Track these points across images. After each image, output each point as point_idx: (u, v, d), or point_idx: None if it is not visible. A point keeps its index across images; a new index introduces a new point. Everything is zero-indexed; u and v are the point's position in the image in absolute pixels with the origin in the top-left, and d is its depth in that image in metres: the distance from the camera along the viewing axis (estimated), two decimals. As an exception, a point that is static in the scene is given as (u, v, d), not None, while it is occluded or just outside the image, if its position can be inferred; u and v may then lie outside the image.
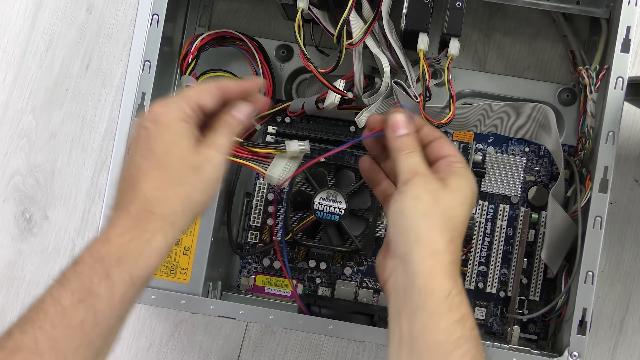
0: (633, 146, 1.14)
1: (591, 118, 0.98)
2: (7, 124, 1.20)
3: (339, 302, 1.06)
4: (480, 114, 0.99)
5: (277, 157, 0.93)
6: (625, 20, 0.93)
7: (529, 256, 1.04)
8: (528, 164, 1.07)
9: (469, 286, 1.05)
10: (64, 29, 1.21)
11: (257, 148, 0.93)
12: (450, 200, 0.73)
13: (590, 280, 0.91)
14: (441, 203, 0.73)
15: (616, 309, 1.12)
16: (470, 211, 0.76)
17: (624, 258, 1.13)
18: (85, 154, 1.19)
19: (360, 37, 0.93)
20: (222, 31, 1.01)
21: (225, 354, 1.16)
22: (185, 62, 0.97)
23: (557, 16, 1.09)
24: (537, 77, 1.11)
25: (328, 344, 1.16)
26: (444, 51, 0.93)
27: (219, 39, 1.02)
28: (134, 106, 0.95)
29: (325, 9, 0.96)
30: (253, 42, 1.02)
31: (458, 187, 0.75)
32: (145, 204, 0.68)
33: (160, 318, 1.17)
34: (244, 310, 0.94)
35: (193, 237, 0.97)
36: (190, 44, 0.98)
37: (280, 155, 0.93)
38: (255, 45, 1.03)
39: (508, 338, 1.02)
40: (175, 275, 0.96)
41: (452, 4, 0.89)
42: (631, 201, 1.13)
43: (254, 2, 1.15)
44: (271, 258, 1.08)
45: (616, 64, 0.93)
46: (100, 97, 1.20)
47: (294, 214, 1.03)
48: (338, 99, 0.95)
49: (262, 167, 0.92)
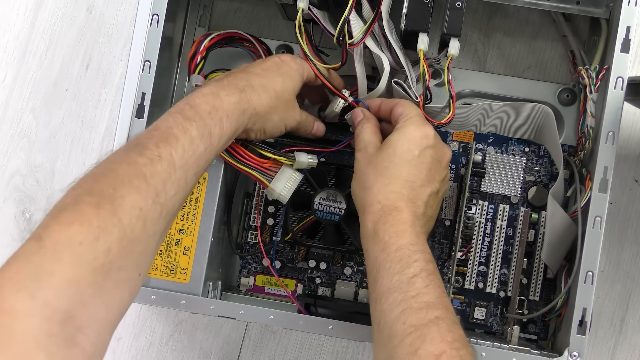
0: (633, 146, 1.14)
1: (591, 118, 0.98)
2: (7, 124, 1.20)
3: (339, 302, 1.06)
4: (479, 114, 0.99)
5: (282, 168, 0.94)
6: (625, 20, 0.93)
7: (529, 256, 1.04)
8: (528, 164, 1.07)
9: (469, 286, 1.05)
10: (64, 29, 1.21)
11: (267, 152, 0.93)
12: (381, 156, 0.88)
13: (590, 280, 0.91)
14: (372, 162, 0.88)
15: (616, 309, 1.12)
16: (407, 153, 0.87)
17: (624, 258, 1.13)
18: (85, 154, 1.20)
19: (360, 37, 0.93)
20: (231, 32, 1.01)
21: (225, 354, 1.16)
22: (194, 61, 0.97)
23: (557, 16, 1.09)
24: (537, 77, 1.11)
25: (328, 344, 1.16)
26: (444, 51, 0.93)
27: (228, 39, 1.02)
28: (133, 106, 0.95)
29: (325, 9, 0.96)
30: (261, 44, 1.03)
31: (389, 141, 0.89)
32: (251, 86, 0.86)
33: (160, 318, 1.17)
34: (244, 310, 0.94)
35: (193, 237, 0.97)
36: (199, 44, 0.98)
37: (286, 166, 0.94)
38: (263, 47, 1.03)
39: (508, 338, 1.02)
40: (175, 275, 0.96)
41: (452, 4, 0.89)
42: (631, 201, 1.13)
43: (254, 2, 1.15)
44: (271, 258, 1.08)
45: (616, 64, 0.93)
46: (100, 97, 1.20)
47: (294, 214, 1.03)
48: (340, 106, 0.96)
49: (266, 178, 0.93)
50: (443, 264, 1.07)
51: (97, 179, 0.70)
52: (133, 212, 0.69)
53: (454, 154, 1.07)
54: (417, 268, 0.79)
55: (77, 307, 0.63)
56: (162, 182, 0.73)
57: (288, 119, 0.92)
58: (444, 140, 1.07)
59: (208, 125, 0.79)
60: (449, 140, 1.07)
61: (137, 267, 0.71)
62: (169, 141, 0.75)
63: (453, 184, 1.06)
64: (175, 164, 0.75)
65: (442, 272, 1.06)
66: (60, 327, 0.62)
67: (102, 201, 0.67)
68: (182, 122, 0.78)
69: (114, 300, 0.68)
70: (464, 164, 1.07)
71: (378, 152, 0.89)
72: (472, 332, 1.06)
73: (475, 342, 0.93)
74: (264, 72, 0.89)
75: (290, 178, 0.94)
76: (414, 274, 0.79)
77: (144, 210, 0.70)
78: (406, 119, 0.89)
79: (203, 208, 0.97)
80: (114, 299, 0.67)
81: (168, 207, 0.74)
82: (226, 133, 0.82)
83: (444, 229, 1.07)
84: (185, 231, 0.97)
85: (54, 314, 0.61)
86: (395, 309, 0.77)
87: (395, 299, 0.77)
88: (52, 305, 0.61)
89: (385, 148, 0.88)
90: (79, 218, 0.65)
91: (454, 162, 1.07)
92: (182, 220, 0.97)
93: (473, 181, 1.04)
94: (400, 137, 0.88)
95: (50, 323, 0.61)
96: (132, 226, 0.68)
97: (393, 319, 0.76)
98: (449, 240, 1.06)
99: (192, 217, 0.97)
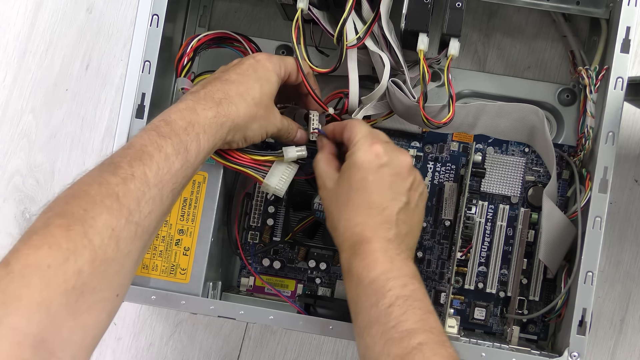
0: (633, 146, 1.14)
1: (591, 118, 0.98)
2: (7, 124, 1.20)
3: (339, 302, 1.06)
4: (473, 115, 0.99)
5: (275, 163, 0.93)
6: (625, 21, 0.93)
7: (529, 256, 1.04)
8: (528, 164, 1.07)
9: (469, 286, 1.05)
10: (64, 29, 1.21)
11: (256, 155, 0.93)
12: (339, 191, 0.87)
13: (590, 281, 0.91)
14: (333, 199, 0.88)
15: (616, 309, 1.13)
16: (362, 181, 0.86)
17: (624, 258, 1.13)
18: (85, 154, 1.20)
19: (361, 36, 0.92)
20: (219, 32, 1.00)
21: (225, 354, 1.17)
22: (181, 63, 0.96)
23: (557, 16, 1.09)
24: (537, 77, 1.11)
25: (328, 344, 1.16)
26: (444, 51, 0.93)
27: (216, 40, 1.00)
28: (133, 107, 0.95)
29: (325, 9, 0.96)
30: (250, 44, 1.01)
31: (343, 173, 0.88)
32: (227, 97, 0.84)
33: (160, 318, 1.17)
34: (244, 310, 0.94)
35: (193, 237, 0.97)
36: (186, 45, 0.97)
37: (278, 161, 0.93)
38: (252, 46, 1.01)
39: (508, 338, 1.02)
40: (175, 276, 0.96)
41: (452, 4, 0.89)
42: (631, 201, 1.13)
43: (253, 2, 1.15)
44: (271, 258, 1.08)
45: (616, 64, 0.93)
46: (100, 97, 1.20)
47: (294, 214, 1.03)
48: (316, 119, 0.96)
49: (260, 175, 0.93)
50: (443, 264, 1.07)
51: (68, 200, 0.70)
52: (105, 233, 0.68)
53: (454, 154, 1.07)
54: (392, 297, 0.78)
55: (49, 331, 0.63)
56: (136, 201, 0.72)
57: (268, 126, 0.90)
58: (444, 141, 1.07)
59: (184, 142, 0.78)
60: (449, 140, 1.07)
61: (112, 288, 0.70)
62: (143, 159, 0.74)
63: (453, 184, 1.06)
64: (149, 182, 0.74)
65: (442, 272, 1.06)
66: (32, 352, 0.61)
67: (72, 223, 0.67)
68: (156, 139, 0.77)
69: (90, 322, 0.67)
70: (464, 164, 1.06)
71: (336, 187, 0.88)
72: (472, 332, 1.06)
73: (475, 343, 0.93)
74: (240, 78, 0.87)
75: (285, 171, 0.94)
76: (390, 303, 0.78)
77: (116, 230, 0.69)
78: (354, 143, 0.88)
79: (203, 208, 0.97)
80: (89, 321, 0.67)
81: (144, 225, 0.73)
82: (204, 148, 0.81)
83: (444, 229, 1.07)
84: (185, 231, 0.97)
85: (24, 339, 0.61)
86: (378, 341, 0.76)
87: (377, 331, 0.77)
88: (21, 330, 0.61)
89: (341, 181, 0.88)
90: (48, 241, 0.65)
91: (454, 162, 1.07)
92: (182, 221, 0.97)
93: (473, 181, 1.04)
94: (351, 167, 0.87)
95: (20, 348, 0.60)
96: (104, 247, 0.68)
97: (377, 353, 0.76)
98: (448, 240, 1.06)
99: (192, 218, 0.97)
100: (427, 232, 1.07)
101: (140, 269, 0.96)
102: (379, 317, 0.78)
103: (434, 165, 1.07)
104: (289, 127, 0.94)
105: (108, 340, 1.18)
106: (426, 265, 1.07)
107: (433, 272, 1.07)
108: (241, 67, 0.89)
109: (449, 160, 1.07)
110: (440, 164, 1.07)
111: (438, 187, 1.07)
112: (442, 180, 1.07)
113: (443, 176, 1.07)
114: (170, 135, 0.78)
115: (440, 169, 1.07)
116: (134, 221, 0.71)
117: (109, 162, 0.74)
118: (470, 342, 0.94)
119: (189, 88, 0.94)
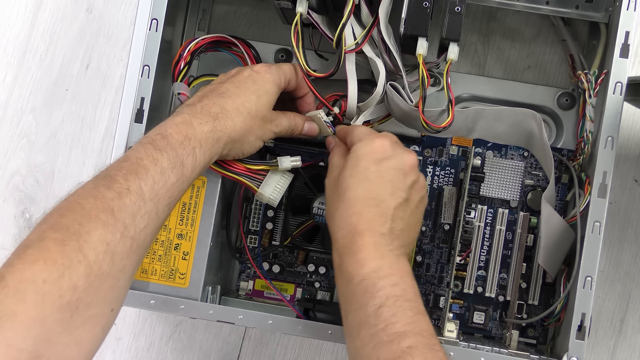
0: (633, 146, 1.14)
1: (590, 122, 0.98)
2: (7, 124, 1.20)
3: (338, 306, 1.06)
4: (471, 119, 0.99)
5: (270, 172, 0.94)
6: (624, 25, 0.92)
7: (528, 260, 1.04)
8: (527, 168, 1.06)
9: (468, 290, 1.05)
10: (64, 29, 1.21)
11: (250, 165, 0.93)
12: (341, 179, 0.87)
13: (589, 286, 0.91)
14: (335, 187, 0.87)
15: (616, 309, 1.13)
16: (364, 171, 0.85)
17: (624, 258, 1.13)
18: (85, 154, 1.20)
19: (359, 41, 0.92)
20: (216, 36, 1.00)
21: (225, 354, 1.17)
22: (177, 67, 0.96)
23: (557, 20, 1.09)
24: (536, 80, 1.11)
25: (328, 345, 1.16)
26: (443, 55, 0.93)
27: (214, 43, 1.00)
28: (133, 110, 0.95)
29: (324, 13, 0.96)
30: (247, 47, 1.01)
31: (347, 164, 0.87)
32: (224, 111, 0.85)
33: (160, 318, 1.18)
34: (243, 315, 0.94)
35: (192, 241, 0.97)
36: (183, 49, 0.97)
37: (273, 170, 0.94)
38: (249, 50, 1.01)
39: (507, 342, 1.02)
40: (174, 280, 0.96)
41: (451, 9, 0.89)
42: (631, 201, 1.13)
43: (253, 5, 1.15)
44: (270, 262, 1.08)
45: (615, 68, 0.92)
46: (100, 97, 1.20)
47: (293, 218, 1.04)
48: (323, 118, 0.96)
49: (254, 183, 0.94)
50: (442, 268, 1.07)
51: (63, 213, 0.70)
52: (100, 248, 0.68)
53: (453, 158, 1.07)
54: (383, 297, 0.77)
55: (44, 346, 0.63)
56: (131, 216, 0.72)
57: (265, 134, 0.90)
58: (443, 145, 1.07)
59: (180, 156, 0.79)
60: (448, 144, 1.07)
61: (107, 303, 0.70)
62: (139, 173, 0.75)
63: (452, 188, 1.06)
64: (145, 197, 0.74)
65: (441, 276, 1.07)
66: None
67: (67, 237, 0.67)
68: (152, 153, 0.77)
69: (84, 337, 0.67)
70: (463, 168, 1.06)
71: (340, 175, 0.87)
72: (471, 336, 1.06)
73: (474, 347, 0.94)
74: (237, 91, 0.87)
75: (280, 181, 0.94)
76: (380, 304, 0.77)
77: (111, 245, 0.69)
78: (360, 138, 0.88)
79: (202, 213, 0.97)
80: (84, 336, 0.67)
81: (139, 240, 0.73)
82: (200, 163, 0.81)
83: (443, 233, 1.07)
84: (184, 236, 0.97)
85: (19, 354, 0.61)
86: (367, 344, 0.76)
87: (366, 333, 0.76)
88: (16, 346, 0.61)
89: (345, 170, 0.87)
90: (44, 256, 0.65)
91: (453, 166, 1.07)
92: (181, 225, 0.97)
93: (472, 185, 1.04)
94: (357, 156, 0.86)
95: None
96: (99, 262, 0.68)
97: (367, 355, 0.76)
98: (448, 244, 1.06)
99: (191, 222, 0.97)
100: (426, 236, 1.07)
101: (140, 273, 0.96)
102: (369, 318, 0.77)
103: (433, 169, 1.07)
104: (290, 126, 0.93)
105: (108, 340, 1.18)
106: (425, 269, 1.07)
107: (432, 276, 1.07)
108: (239, 79, 0.89)
109: (448, 164, 1.07)
110: (439, 168, 1.07)
111: (437, 191, 1.07)
112: (442, 184, 1.07)
113: (442, 180, 1.07)
114: (166, 149, 0.78)
115: (440, 173, 1.07)
116: (130, 236, 0.72)
117: (105, 175, 0.74)
118: (470, 347, 0.94)
119: (185, 93, 0.94)
